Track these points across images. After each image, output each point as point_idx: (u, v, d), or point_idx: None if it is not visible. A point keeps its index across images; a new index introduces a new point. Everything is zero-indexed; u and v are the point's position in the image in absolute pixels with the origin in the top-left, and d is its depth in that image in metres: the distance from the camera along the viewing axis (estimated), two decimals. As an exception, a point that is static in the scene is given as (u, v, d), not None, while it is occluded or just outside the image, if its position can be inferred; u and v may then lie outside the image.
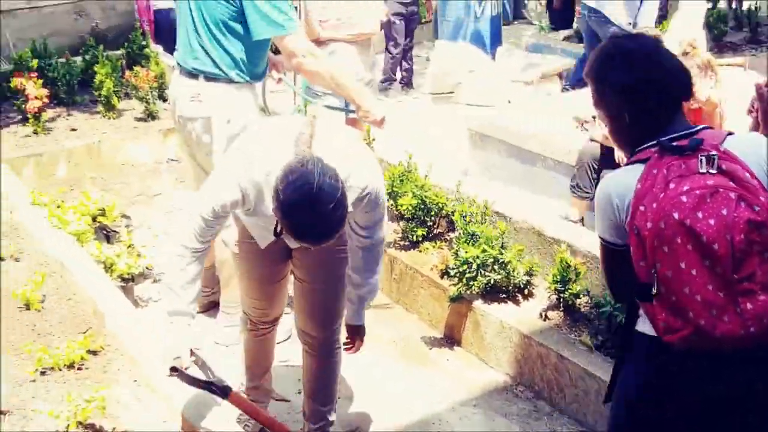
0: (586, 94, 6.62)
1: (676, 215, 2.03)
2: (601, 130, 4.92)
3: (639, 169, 2.16)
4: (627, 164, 2.25)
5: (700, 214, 2.01)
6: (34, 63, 6.59)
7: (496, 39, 9.59)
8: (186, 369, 2.68)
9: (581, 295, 3.75)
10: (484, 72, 8.29)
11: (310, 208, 2.37)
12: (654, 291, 2.10)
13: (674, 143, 2.13)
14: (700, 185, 2.04)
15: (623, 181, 2.19)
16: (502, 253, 3.89)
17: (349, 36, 5.42)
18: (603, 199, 2.25)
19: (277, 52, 3.88)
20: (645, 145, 2.20)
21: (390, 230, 4.53)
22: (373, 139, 4.90)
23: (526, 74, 8.37)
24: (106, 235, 4.63)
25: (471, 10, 9.37)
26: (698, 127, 2.20)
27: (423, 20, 11.27)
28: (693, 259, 2.03)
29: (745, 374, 2.15)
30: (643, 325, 2.25)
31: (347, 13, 5.43)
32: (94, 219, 4.62)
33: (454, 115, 7.50)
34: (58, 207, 4.63)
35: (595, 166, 4.87)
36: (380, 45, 8.44)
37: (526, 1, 12.79)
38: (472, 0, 9.37)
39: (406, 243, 4.45)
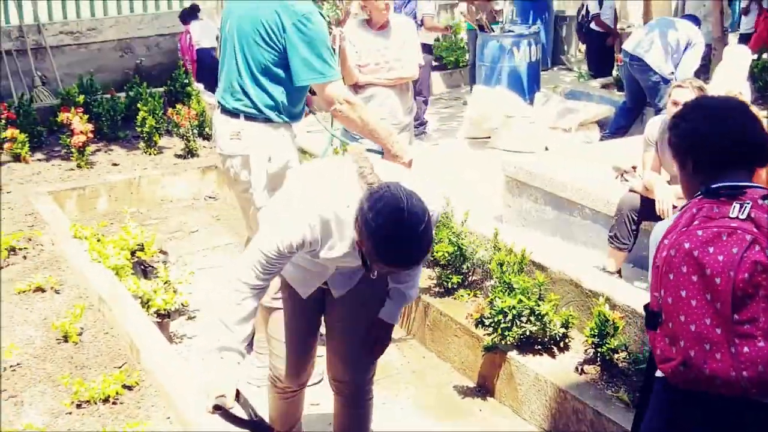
0: (625, 143, 6.64)
1: (687, 245, 2.09)
2: (640, 181, 4.92)
3: None
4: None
5: (711, 249, 2.06)
6: (81, 99, 6.76)
7: (534, 84, 9.63)
8: (230, 408, 2.67)
9: (619, 350, 3.72)
10: (522, 118, 8.31)
11: (405, 232, 2.35)
12: (661, 320, 2.16)
13: (718, 190, 2.17)
14: (720, 224, 2.08)
15: (665, 225, 2.26)
16: (538, 305, 3.88)
17: (388, 80, 5.49)
18: (650, 246, 2.31)
19: (312, 92, 3.97)
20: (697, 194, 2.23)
21: (425, 276, 4.55)
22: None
23: (564, 121, 8.38)
24: (144, 270, 4.70)
25: (509, 55, 9.44)
26: (752, 184, 2.22)
27: (462, 64, 11.39)
28: (695, 289, 2.07)
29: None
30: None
31: (385, 58, 5.50)
32: (132, 254, 4.69)
33: (491, 161, 7.52)
34: (99, 241, 4.72)
35: (635, 218, 4.84)
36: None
37: (565, 47, 12.86)
38: (509, 44, 9.44)
39: (441, 290, 4.46)
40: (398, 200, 2.36)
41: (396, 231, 2.36)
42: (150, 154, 6.66)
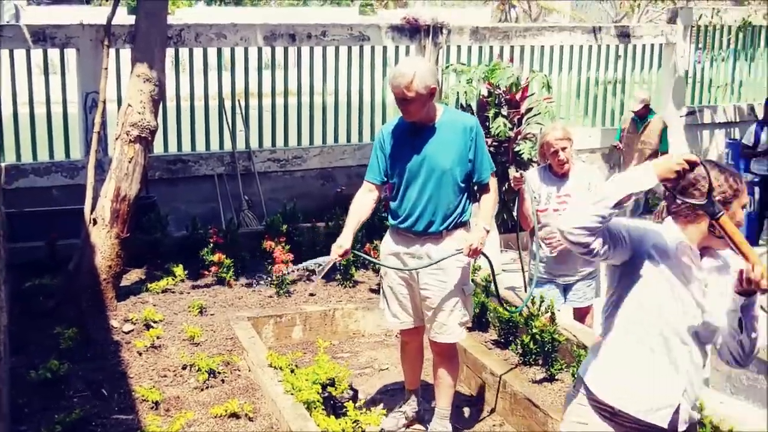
0: None
1: None
2: None
3: None
4: None
5: None
6: (284, 228, 7.36)
7: None
8: None
9: None
10: None
11: None
12: None
13: None
14: None
15: None
16: None
17: None
18: None
19: None
20: None
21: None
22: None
23: None
24: (334, 405, 4.99)
25: None
26: None
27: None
28: None
29: None
30: None
31: (564, 205, 5.63)
32: (323, 388, 5.00)
33: None
34: (293, 372, 5.09)
35: None
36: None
37: None
38: None
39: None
40: None
41: None
42: (345, 286, 7.10)
